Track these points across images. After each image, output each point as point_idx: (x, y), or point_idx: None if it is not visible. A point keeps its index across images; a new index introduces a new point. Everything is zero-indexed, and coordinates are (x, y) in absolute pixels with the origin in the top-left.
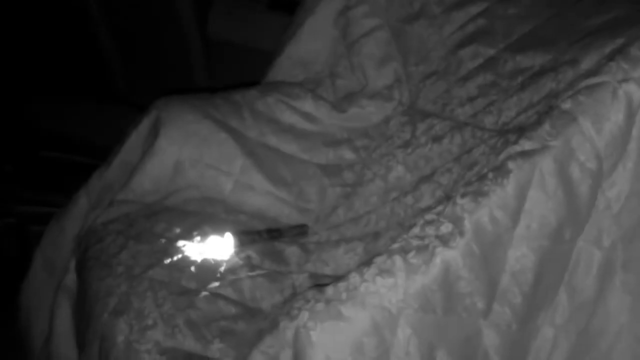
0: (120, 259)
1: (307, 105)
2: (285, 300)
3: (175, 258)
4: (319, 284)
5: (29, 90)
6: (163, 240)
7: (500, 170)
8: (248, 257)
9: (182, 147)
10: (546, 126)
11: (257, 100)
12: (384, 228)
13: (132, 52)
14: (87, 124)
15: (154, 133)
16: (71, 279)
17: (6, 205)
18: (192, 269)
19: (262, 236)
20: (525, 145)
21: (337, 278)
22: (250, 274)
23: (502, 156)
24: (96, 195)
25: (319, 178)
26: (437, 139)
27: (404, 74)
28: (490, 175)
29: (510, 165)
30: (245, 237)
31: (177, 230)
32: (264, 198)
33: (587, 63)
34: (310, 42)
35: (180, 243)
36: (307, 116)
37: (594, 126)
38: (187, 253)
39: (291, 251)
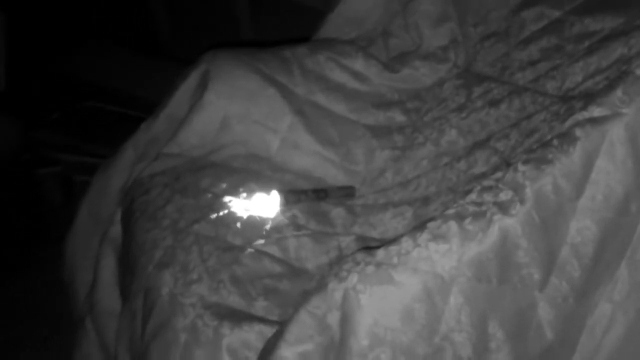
0: (166, 212)
1: (358, 64)
2: (331, 262)
3: (221, 213)
4: (367, 246)
5: (76, 41)
6: (209, 195)
7: (567, 138)
8: (294, 216)
9: (230, 102)
10: (618, 92)
11: (307, 57)
12: (435, 193)
13: (177, 5)
14: (133, 76)
15: (202, 87)
16: (116, 229)
17: (52, 154)
18: (238, 225)
19: (308, 196)
20: (595, 111)
21: (385, 242)
22: (296, 233)
23: (568, 123)
24: (143, 148)
25: (367, 139)
26: (494, 104)
27: (460, 35)
28: (555, 142)
29: (578, 132)
30: (291, 196)
31: (223, 186)
32: (310, 157)
33: None
34: None
35: (226, 199)
36: (357, 75)
37: None
38: (233, 209)
39: (337, 213)
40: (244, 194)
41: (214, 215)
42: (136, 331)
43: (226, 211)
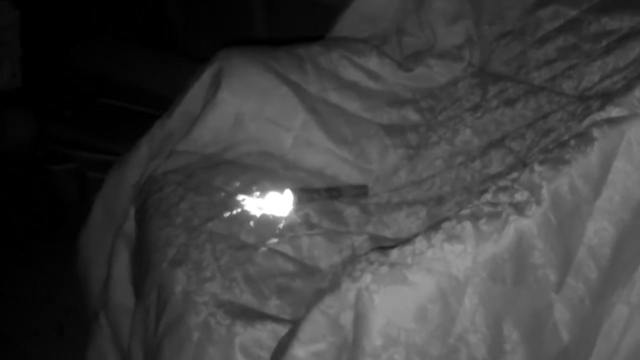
0: (180, 210)
1: (372, 62)
2: (344, 261)
3: (234, 212)
4: (380, 246)
5: (88, 36)
6: (222, 194)
7: (584, 138)
8: (307, 215)
9: (244, 100)
10: (636, 92)
11: (321, 55)
12: (449, 193)
13: (192, 2)
14: (147, 73)
15: (216, 84)
16: (130, 226)
17: (66, 151)
18: (251, 223)
19: (321, 194)
20: (613, 112)
21: (399, 241)
22: (309, 232)
23: (585, 123)
24: (157, 144)
25: (380, 138)
26: (509, 103)
27: (475, 33)
28: (572, 142)
29: (595, 132)
30: (304, 195)
31: (237, 184)
32: (323, 156)
33: None
34: None
35: (240, 197)
36: (371, 74)
37: None
38: (246, 207)
39: (351, 211)
40: (257, 193)
41: (227, 214)
42: (149, 327)
43: (239, 209)
